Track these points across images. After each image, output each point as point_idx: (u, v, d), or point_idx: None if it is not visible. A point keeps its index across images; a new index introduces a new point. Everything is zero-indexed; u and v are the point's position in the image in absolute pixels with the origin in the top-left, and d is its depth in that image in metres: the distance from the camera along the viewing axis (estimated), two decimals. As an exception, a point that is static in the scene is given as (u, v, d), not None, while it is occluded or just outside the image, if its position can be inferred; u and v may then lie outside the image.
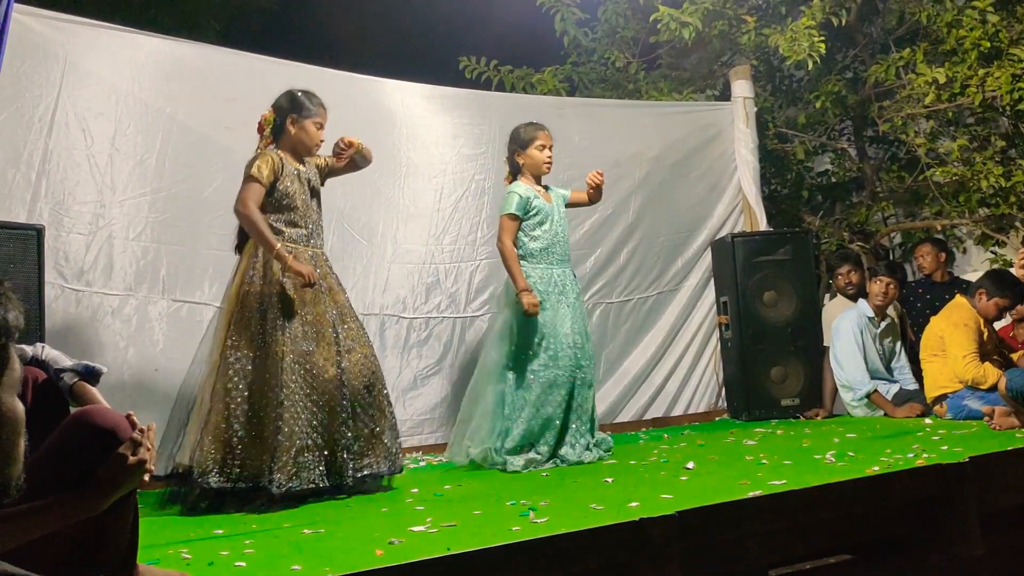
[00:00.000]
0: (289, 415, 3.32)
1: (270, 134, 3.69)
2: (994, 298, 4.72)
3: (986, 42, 5.77)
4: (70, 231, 3.97)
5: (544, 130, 4.31)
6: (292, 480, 3.27)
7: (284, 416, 3.30)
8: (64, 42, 4.02)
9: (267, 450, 3.28)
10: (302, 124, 3.66)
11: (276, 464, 3.24)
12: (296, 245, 3.56)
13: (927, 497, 2.86)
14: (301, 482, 3.29)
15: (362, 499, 3.39)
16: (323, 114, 3.70)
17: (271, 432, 3.30)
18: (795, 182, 7.15)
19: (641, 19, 6.89)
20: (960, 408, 4.68)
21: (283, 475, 3.24)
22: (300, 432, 3.33)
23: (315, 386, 3.42)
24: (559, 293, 4.17)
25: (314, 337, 3.47)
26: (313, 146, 3.71)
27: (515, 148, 4.30)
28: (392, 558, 2.15)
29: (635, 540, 2.23)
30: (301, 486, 3.29)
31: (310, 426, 3.37)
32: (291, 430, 3.31)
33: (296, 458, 3.30)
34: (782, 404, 5.50)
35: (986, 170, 5.87)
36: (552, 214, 4.27)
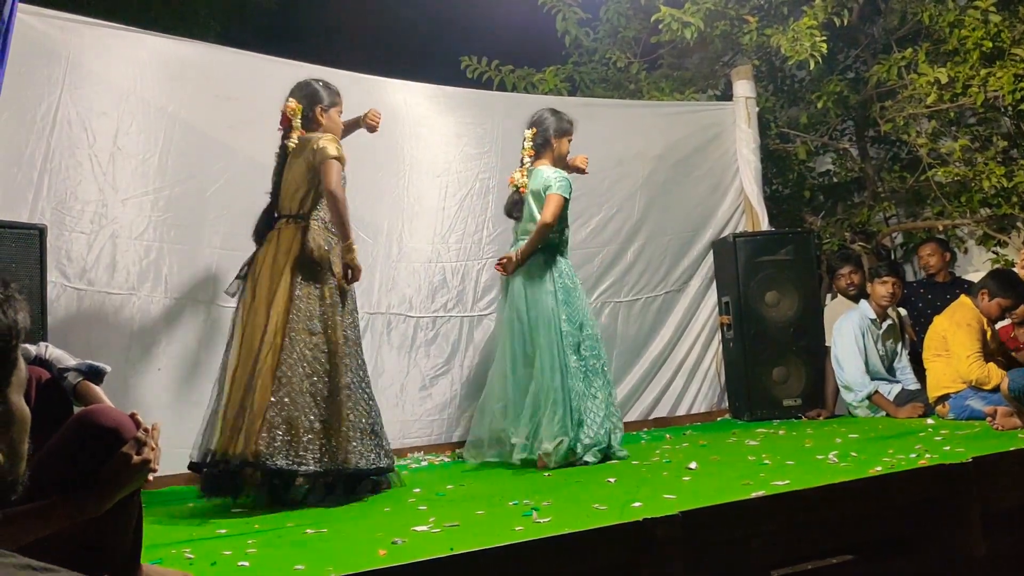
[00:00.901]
0: (356, 398, 3.45)
1: (299, 124, 3.72)
2: (996, 298, 4.72)
3: (988, 42, 5.77)
4: (72, 230, 3.97)
5: (574, 126, 4.46)
6: (362, 460, 3.38)
7: (352, 398, 3.43)
8: (66, 41, 4.02)
9: (336, 433, 3.37)
10: (330, 114, 3.75)
11: (351, 444, 3.36)
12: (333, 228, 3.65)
13: (929, 497, 2.86)
14: (367, 463, 3.41)
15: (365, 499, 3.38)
16: (341, 102, 3.81)
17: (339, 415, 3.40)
18: (797, 182, 7.14)
19: (643, 19, 6.88)
20: (962, 408, 4.68)
21: (355, 456, 3.36)
22: (364, 413, 3.48)
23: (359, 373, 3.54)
24: (577, 285, 4.28)
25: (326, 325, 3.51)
26: (339, 134, 3.77)
27: (554, 133, 4.36)
28: (395, 558, 2.15)
29: (639, 540, 2.23)
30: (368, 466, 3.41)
31: (370, 408, 3.51)
32: (358, 412, 3.45)
33: (363, 438, 3.42)
34: (784, 404, 5.49)
35: (988, 170, 5.86)
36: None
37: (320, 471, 3.32)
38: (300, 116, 3.72)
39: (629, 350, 5.61)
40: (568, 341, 4.08)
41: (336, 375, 3.42)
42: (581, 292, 4.27)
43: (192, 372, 4.19)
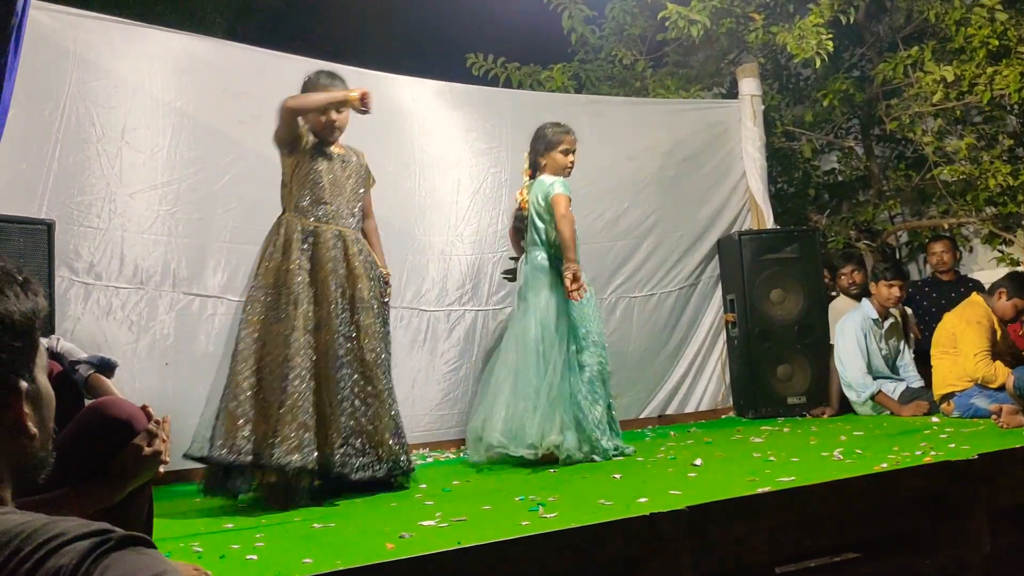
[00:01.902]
0: (293, 390, 3.25)
1: None
2: (1014, 299, 4.73)
3: (994, 40, 5.77)
4: (80, 225, 3.98)
5: (570, 134, 4.33)
6: (290, 455, 3.17)
7: (288, 390, 3.24)
8: (74, 37, 4.03)
9: (269, 425, 3.23)
10: (313, 116, 3.62)
11: (277, 439, 3.18)
12: (319, 223, 3.51)
13: (935, 495, 2.86)
14: (300, 460, 3.19)
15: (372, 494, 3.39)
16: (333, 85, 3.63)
17: (275, 406, 3.24)
18: (802, 180, 7.14)
19: (648, 16, 6.88)
20: (968, 406, 4.68)
21: (282, 449, 3.16)
22: (306, 410, 3.26)
23: (318, 369, 3.36)
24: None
25: (323, 319, 3.40)
26: (328, 128, 3.60)
27: (541, 148, 4.31)
28: (402, 551, 2.15)
29: (646, 534, 2.24)
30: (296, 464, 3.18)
31: (315, 407, 3.30)
32: (294, 404, 3.24)
33: (299, 434, 3.21)
34: (788, 402, 5.50)
35: (994, 168, 5.86)
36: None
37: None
38: None
39: (644, 346, 5.61)
40: (570, 344, 4.08)
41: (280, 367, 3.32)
42: (589, 296, 4.20)
43: (200, 366, 4.20)
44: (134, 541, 0.86)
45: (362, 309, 3.48)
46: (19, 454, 1.00)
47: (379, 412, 3.45)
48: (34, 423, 1.01)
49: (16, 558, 0.82)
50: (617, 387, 5.28)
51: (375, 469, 3.39)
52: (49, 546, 0.82)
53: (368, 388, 3.44)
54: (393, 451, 3.46)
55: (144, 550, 0.85)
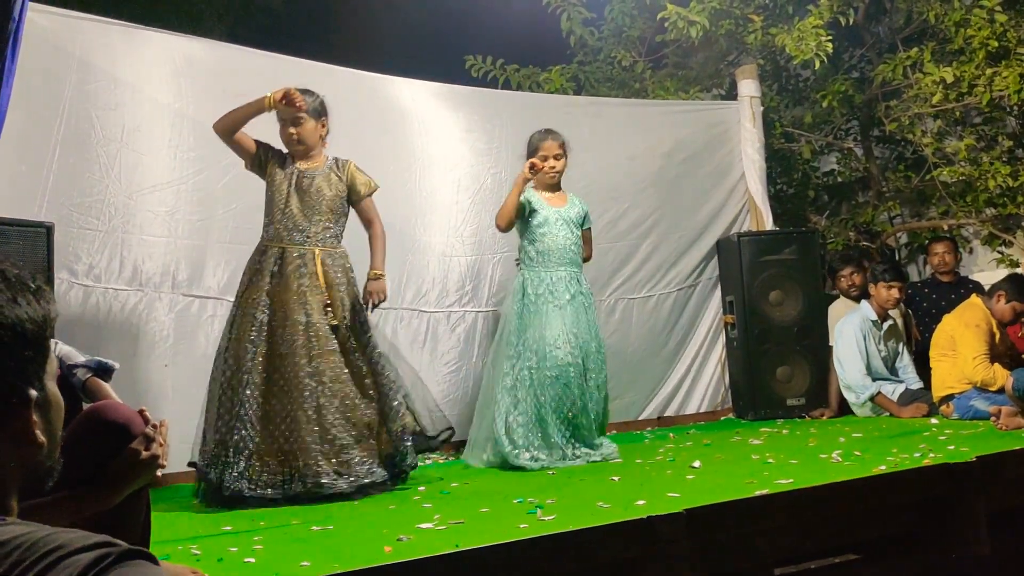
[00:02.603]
0: (247, 417, 3.35)
1: None
2: (1012, 302, 4.73)
3: (994, 41, 5.76)
4: (80, 227, 3.98)
5: (549, 140, 4.32)
6: (239, 482, 3.28)
7: (243, 418, 3.34)
8: (74, 39, 4.04)
9: (223, 448, 3.34)
10: (280, 131, 3.70)
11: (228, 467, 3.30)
12: (271, 243, 3.59)
13: (934, 496, 2.86)
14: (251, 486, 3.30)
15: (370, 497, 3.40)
16: (288, 111, 3.61)
17: (227, 431, 3.35)
18: (801, 181, 7.14)
19: (647, 18, 6.88)
20: (967, 408, 4.68)
21: (229, 477, 3.29)
22: (252, 437, 3.34)
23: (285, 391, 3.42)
24: (549, 294, 4.19)
25: (288, 341, 3.45)
26: (286, 145, 3.68)
27: (526, 154, 4.36)
28: (400, 554, 2.16)
29: (644, 537, 2.24)
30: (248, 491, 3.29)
31: (266, 431, 3.38)
32: (246, 434, 3.34)
33: (249, 461, 3.32)
34: (788, 404, 5.50)
35: (993, 170, 5.86)
36: (552, 219, 4.28)
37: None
38: None
39: (643, 348, 5.61)
40: (504, 351, 4.16)
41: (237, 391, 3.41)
42: (546, 304, 4.16)
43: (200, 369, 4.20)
44: (136, 555, 0.84)
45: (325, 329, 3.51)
46: (26, 462, 0.99)
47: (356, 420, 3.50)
48: (42, 431, 0.99)
49: (16, 570, 0.81)
50: (616, 388, 5.31)
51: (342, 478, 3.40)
52: (49, 559, 0.81)
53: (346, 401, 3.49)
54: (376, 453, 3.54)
55: (145, 565, 0.84)
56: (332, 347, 3.50)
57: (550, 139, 4.32)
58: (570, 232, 4.31)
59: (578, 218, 4.36)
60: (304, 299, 3.50)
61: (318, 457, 3.35)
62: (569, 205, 4.37)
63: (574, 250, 4.32)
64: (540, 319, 4.14)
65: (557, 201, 4.35)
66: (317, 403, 3.41)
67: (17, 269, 0.99)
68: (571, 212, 4.35)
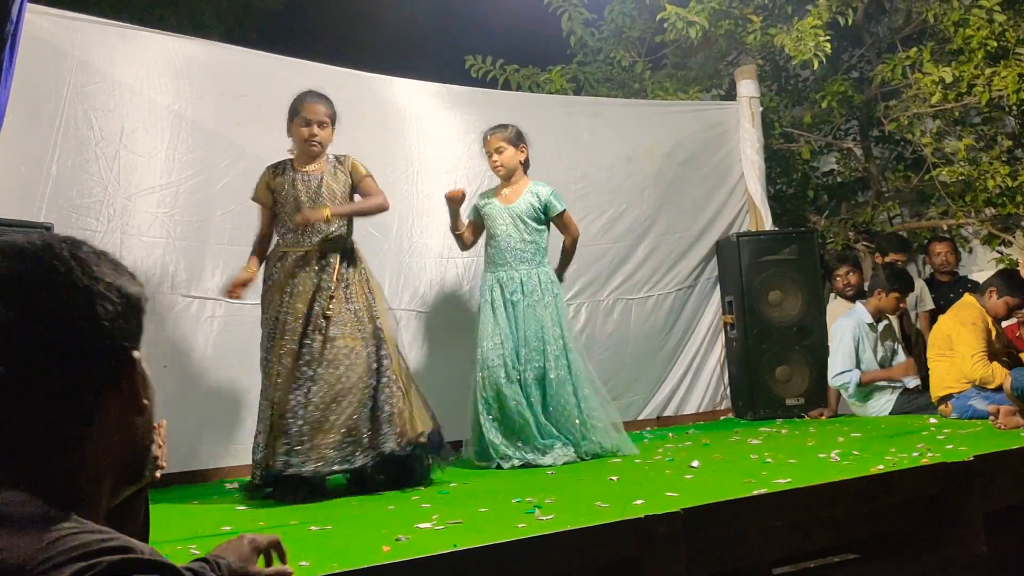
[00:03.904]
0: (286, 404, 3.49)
1: None
2: (1004, 296, 4.73)
3: (993, 41, 5.77)
4: (78, 228, 3.97)
5: (489, 135, 4.44)
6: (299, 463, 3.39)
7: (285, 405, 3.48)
8: (73, 40, 4.04)
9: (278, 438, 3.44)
10: (292, 126, 3.78)
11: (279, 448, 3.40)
12: (288, 248, 3.71)
13: (931, 496, 2.86)
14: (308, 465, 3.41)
15: (369, 497, 3.41)
16: (309, 107, 3.74)
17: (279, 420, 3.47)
18: (801, 182, 7.15)
19: (647, 19, 6.89)
20: (966, 408, 4.68)
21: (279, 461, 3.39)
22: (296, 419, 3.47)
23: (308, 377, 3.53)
24: (490, 295, 4.29)
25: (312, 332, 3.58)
26: (302, 143, 3.76)
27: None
28: (399, 554, 2.16)
29: (641, 537, 2.24)
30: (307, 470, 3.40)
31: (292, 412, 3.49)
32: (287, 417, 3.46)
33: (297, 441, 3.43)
34: (787, 403, 5.50)
35: (992, 170, 5.87)
36: (500, 216, 4.34)
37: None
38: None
39: (642, 349, 5.61)
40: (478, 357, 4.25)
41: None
42: (492, 305, 4.27)
43: (198, 369, 4.22)
44: (125, 568, 0.82)
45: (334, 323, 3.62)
46: (127, 441, 1.00)
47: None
48: (145, 398, 1.01)
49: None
50: (615, 389, 5.32)
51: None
52: (42, 568, 0.81)
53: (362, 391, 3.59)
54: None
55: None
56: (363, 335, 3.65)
57: (490, 135, 4.42)
58: (516, 228, 4.32)
59: (531, 211, 4.34)
60: (323, 295, 3.64)
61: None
62: (521, 199, 4.37)
63: (522, 247, 4.32)
64: (483, 322, 4.28)
65: (510, 197, 4.38)
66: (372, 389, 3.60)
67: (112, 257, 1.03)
68: (520, 207, 4.34)
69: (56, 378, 0.91)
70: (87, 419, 0.94)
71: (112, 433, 0.97)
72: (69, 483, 0.93)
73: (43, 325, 0.90)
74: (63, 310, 0.92)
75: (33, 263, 0.92)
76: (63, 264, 0.93)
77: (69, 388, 0.92)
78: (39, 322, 0.90)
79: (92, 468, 0.96)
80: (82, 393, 0.93)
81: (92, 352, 0.93)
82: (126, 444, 1.00)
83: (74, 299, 0.92)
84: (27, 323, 0.90)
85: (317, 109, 3.73)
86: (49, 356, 0.91)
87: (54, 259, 0.93)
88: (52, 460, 0.92)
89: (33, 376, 0.90)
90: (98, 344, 0.94)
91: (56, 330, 0.91)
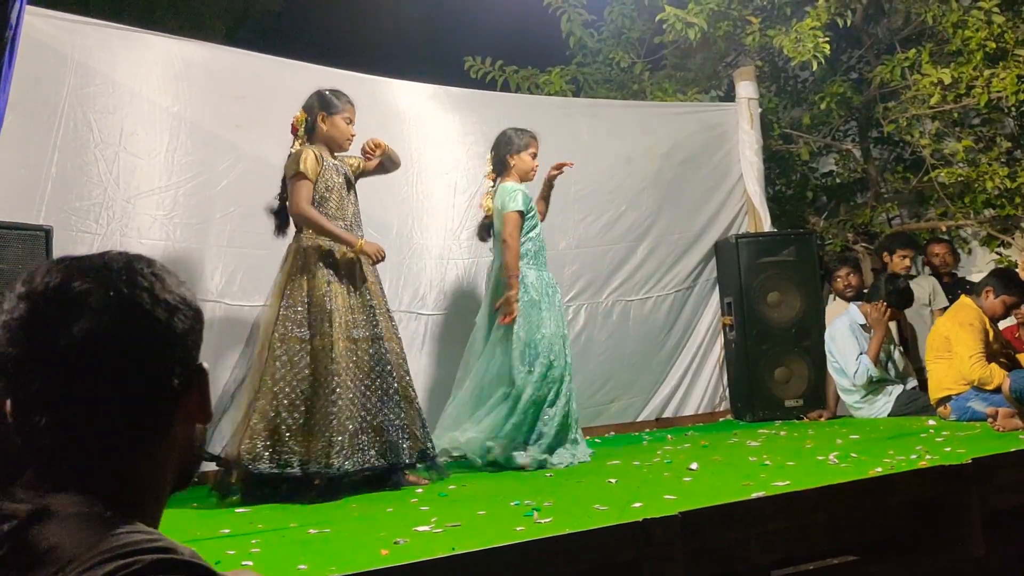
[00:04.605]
0: (343, 401, 3.51)
1: (304, 133, 3.83)
2: (1001, 296, 4.73)
3: (992, 43, 5.77)
4: (78, 230, 3.98)
5: (536, 139, 4.45)
6: (348, 462, 3.45)
7: (338, 402, 3.50)
8: (72, 42, 4.04)
9: (321, 436, 3.46)
10: (332, 120, 3.85)
11: (333, 448, 3.43)
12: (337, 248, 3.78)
13: (929, 498, 2.87)
14: (355, 464, 3.49)
15: (367, 499, 3.41)
16: (351, 110, 3.91)
17: (324, 417, 3.48)
18: (800, 183, 7.15)
19: (647, 20, 6.89)
20: (964, 409, 4.68)
21: (340, 458, 3.43)
22: (355, 415, 3.54)
23: (365, 372, 3.64)
24: (550, 296, 4.29)
25: (363, 325, 3.69)
26: (344, 140, 3.90)
27: (509, 150, 4.40)
28: (397, 558, 2.16)
29: (638, 540, 2.25)
30: (356, 467, 3.49)
31: (364, 409, 3.59)
32: (345, 415, 3.50)
33: (352, 440, 3.49)
34: (786, 405, 5.51)
35: (991, 171, 5.87)
36: (537, 217, 4.39)
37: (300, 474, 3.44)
38: (304, 125, 3.81)
39: (641, 350, 5.61)
40: (522, 353, 4.15)
41: (324, 378, 3.56)
42: (549, 305, 4.26)
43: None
44: (163, 568, 0.85)
45: (380, 315, 3.80)
46: (188, 448, 1.04)
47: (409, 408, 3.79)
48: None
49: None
50: (614, 390, 5.34)
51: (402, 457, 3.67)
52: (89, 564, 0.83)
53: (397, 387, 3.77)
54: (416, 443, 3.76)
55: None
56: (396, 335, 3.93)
57: (536, 138, 4.48)
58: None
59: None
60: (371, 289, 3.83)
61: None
62: None
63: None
64: (551, 318, 4.29)
65: None
66: (400, 382, 3.76)
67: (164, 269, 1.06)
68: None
69: (136, 390, 0.95)
70: (165, 428, 0.99)
71: (178, 441, 1.02)
72: (133, 489, 0.97)
73: (127, 338, 0.94)
74: (147, 324, 0.96)
75: (117, 279, 0.96)
76: (145, 280, 0.98)
77: (148, 399, 0.97)
78: (123, 335, 0.94)
79: (157, 475, 1.01)
80: (160, 404, 0.98)
81: (171, 364, 0.98)
82: (187, 451, 1.05)
83: (156, 314, 0.97)
84: (112, 336, 0.93)
85: (353, 111, 3.91)
86: (131, 368, 0.95)
87: (138, 275, 0.98)
88: (121, 466, 0.96)
89: (115, 387, 0.94)
90: (176, 356, 0.99)
91: (139, 343, 0.95)
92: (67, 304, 0.93)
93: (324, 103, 3.84)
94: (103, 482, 0.94)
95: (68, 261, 0.98)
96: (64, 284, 0.94)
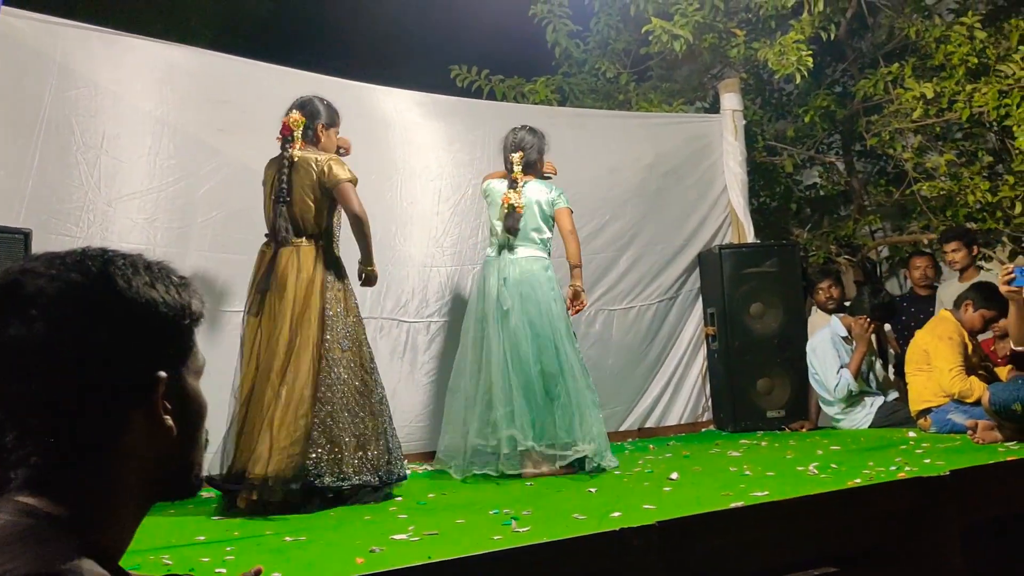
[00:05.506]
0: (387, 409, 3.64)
1: (299, 137, 3.75)
2: (980, 309, 4.74)
3: (973, 58, 5.82)
4: (58, 234, 3.95)
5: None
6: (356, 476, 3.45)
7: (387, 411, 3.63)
8: (55, 45, 4.01)
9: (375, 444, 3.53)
10: (329, 134, 3.86)
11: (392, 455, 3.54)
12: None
13: (908, 509, 2.88)
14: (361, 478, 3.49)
15: (345, 507, 3.38)
16: (340, 123, 3.95)
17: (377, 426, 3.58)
18: (783, 195, 7.19)
19: (633, 31, 6.92)
20: (945, 422, 4.70)
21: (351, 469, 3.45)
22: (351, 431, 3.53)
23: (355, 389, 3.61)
24: None
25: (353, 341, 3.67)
26: (339, 152, 3.93)
27: (540, 153, 4.51)
28: (372, 566, 2.15)
29: (616, 550, 2.24)
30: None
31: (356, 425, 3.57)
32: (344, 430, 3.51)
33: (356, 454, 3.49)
34: (768, 416, 5.51)
35: (973, 185, 5.91)
36: None
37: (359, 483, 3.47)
38: (302, 129, 3.75)
39: (624, 360, 5.60)
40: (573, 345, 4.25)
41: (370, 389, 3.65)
42: None
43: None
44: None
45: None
46: (160, 460, 0.98)
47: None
48: (173, 417, 0.98)
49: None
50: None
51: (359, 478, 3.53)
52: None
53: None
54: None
55: None
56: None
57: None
58: None
59: None
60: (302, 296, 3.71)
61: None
62: None
63: None
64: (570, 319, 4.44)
65: None
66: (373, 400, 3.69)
67: (166, 264, 1.01)
68: None
69: (67, 396, 0.91)
70: (110, 439, 0.94)
71: (138, 451, 0.96)
72: (77, 502, 0.92)
73: (60, 343, 0.90)
74: (91, 329, 0.91)
75: (66, 279, 0.92)
76: (110, 281, 0.93)
77: (91, 408, 0.92)
78: (57, 339, 0.90)
79: (110, 488, 0.95)
80: (101, 413, 0.93)
81: (116, 370, 0.93)
82: (161, 462, 0.99)
83: (98, 320, 0.92)
84: (44, 340, 0.90)
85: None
86: (76, 373, 0.91)
87: (85, 276, 0.93)
88: (58, 477, 0.91)
89: (58, 393, 0.90)
90: (123, 362, 0.93)
91: (84, 349, 0.91)
92: (8, 304, 0.91)
93: (329, 115, 3.85)
94: (40, 492, 0.89)
95: (38, 260, 0.95)
96: (13, 283, 0.92)
